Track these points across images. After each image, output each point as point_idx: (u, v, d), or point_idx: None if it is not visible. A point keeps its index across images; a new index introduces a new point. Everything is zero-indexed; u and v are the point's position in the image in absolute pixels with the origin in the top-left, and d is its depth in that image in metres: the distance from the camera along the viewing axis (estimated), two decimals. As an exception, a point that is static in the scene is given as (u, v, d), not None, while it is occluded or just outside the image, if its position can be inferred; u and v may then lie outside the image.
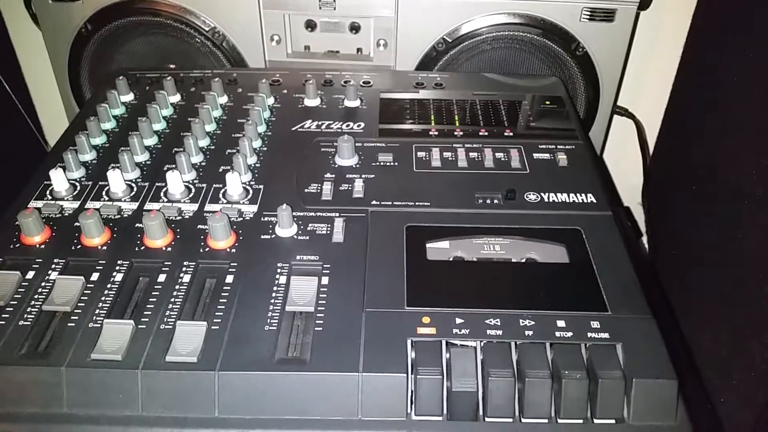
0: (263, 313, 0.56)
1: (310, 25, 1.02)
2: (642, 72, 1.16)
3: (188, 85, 0.89)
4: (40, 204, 0.67)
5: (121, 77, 0.86)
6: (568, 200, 0.69)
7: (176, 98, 0.86)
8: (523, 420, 0.51)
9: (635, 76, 1.16)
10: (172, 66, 1.00)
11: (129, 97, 0.86)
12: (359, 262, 0.61)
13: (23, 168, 0.74)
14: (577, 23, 0.97)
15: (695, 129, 1.01)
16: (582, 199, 0.69)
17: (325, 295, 0.57)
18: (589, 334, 0.54)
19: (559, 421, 0.51)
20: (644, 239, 1.19)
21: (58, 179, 0.68)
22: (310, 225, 0.65)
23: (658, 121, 1.15)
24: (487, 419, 0.51)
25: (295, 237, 0.64)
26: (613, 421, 0.51)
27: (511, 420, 0.51)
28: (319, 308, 0.56)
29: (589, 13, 0.96)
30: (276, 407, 0.51)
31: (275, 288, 0.58)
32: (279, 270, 0.60)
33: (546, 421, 0.51)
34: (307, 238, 0.64)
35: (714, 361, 0.83)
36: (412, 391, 0.52)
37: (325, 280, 0.59)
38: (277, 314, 0.56)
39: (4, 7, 1.14)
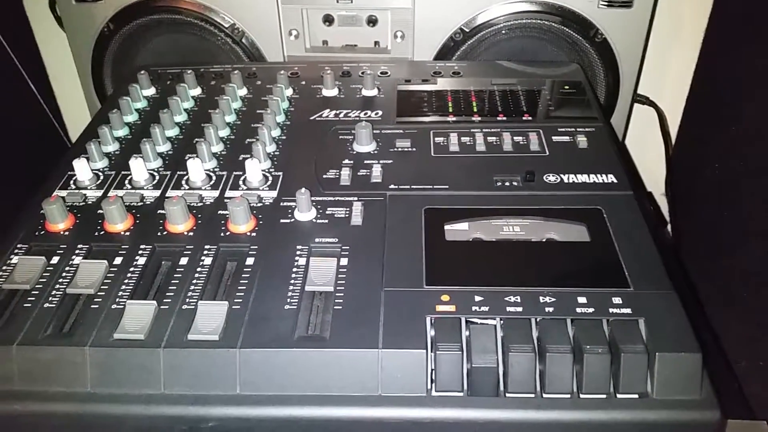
0: (283, 293, 0.56)
1: (328, 20, 1.03)
2: (663, 59, 1.15)
3: (208, 79, 0.91)
4: (64, 193, 0.68)
5: (142, 71, 0.87)
6: (588, 181, 0.68)
7: (197, 91, 0.87)
8: (545, 395, 0.51)
9: (656, 64, 1.15)
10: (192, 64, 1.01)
11: (151, 92, 0.87)
12: (378, 244, 0.61)
13: (47, 165, 0.75)
14: (595, 10, 0.97)
15: (718, 116, 0.99)
16: (602, 180, 0.68)
17: (344, 276, 0.58)
18: (611, 310, 0.53)
19: (582, 396, 0.50)
20: (668, 228, 1.18)
21: (82, 169, 0.69)
22: (328, 209, 0.65)
23: (680, 109, 1.14)
24: (508, 395, 0.51)
25: (314, 221, 0.64)
26: (636, 396, 0.50)
27: (532, 395, 0.51)
28: (338, 288, 0.56)
29: (606, -1, 0.96)
30: (297, 384, 0.51)
31: (294, 269, 0.59)
32: (298, 252, 0.60)
33: (568, 396, 0.50)
34: (326, 221, 0.64)
35: (740, 347, 0.81)
36: (432, 369, 0.51)
37: (344, 261, 0.59)
38: (297, 294, 0.56)
39: (30, 11, 1.17)
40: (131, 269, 0.59)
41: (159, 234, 0.63)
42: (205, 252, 0.60)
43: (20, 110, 1.11)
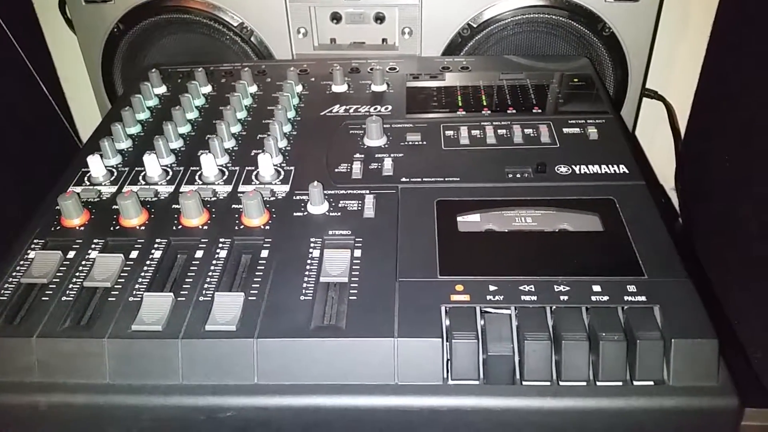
0: (298, 284, 0.56)
1: (336, 17, 1.03)
2: (670, 53, 1.15)
3: (219, 77, 0.91)
4: (78, 189, 0.69)
5: (153, 70, 0.88)
6: (599, 171, 0.68)
7: (207, 89, 0.88)
8: (561, 383, 0.51)
9: (664, 58, 1.15)
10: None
11: (162, 90, 0.88)
12: (391, 236, 0.61)
13: (58, 164, 0.75)
14: (602, 3, 0.97)
15: (727, 108, 0.99)
16: (614, 170, 0.68)
17: (358, 267, 0.58)
18: (626, 298, 0.53)
19: (598, 383, 0.51)
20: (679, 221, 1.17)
21: (96, 165, 0.70)
22: (341, 202, 0.66)
23: (688, 103, 1.14)
24: (524, 383, 0.51)
25: (327, 213, 0.64)
26: (652, 383, 0.50)
27: (549, 383, 0.51)
28: (352, 279, 0.57)
29: (614, -8, 0.96)
30: (314, 373, 0.51)
31: (309, 261, 0.59)
32: (312, 244, 0.61)
33: (584, 383, 0.51)
34: (339, 214, 0.64)
35: (756, 338, 0.81)
36: (448, 359, 0.52)
37: (357, 253, 0.60)
38: (312, 285, 0.56)
39: (41, 13, 1.18)
40: (147, 263, 0.59)
41: (174, 228, 0.63)
42: (220, 245, 0.61)
43: (31, 111, 1.12)
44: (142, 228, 0.63)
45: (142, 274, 0.58)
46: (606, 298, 0.53)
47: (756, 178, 0.86)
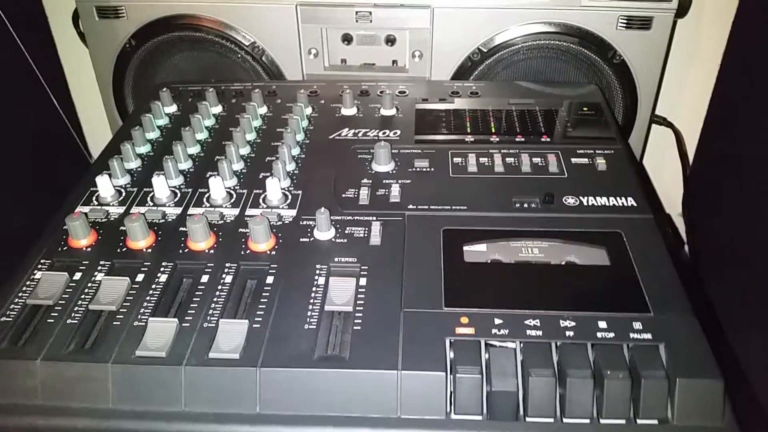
0: (303, 312, 0.56)
1: (347, 39, 1.04)
2: (681, 81, 1.15)
3: (229, 97, 0.92)
4: (86, 209, 0.69)
5: (164, 89, 0.89)
6: (607, 204, 0.68)
7: (218, 109, 0.88)
8: (565, 420, 0.50)
9: (674, 85, 1.15)
10: (213, 80, 1.02)
11: (172, 109, 0.88)
12: (397, 264, 0.61)
13: (68, 180, 0.76)
14: (613, 31, 0.97)
15: (736, 136, 0.99)
16: (622, 203, 0.68)
17: (363, 296, 0.58)
18: (632, 335, 0.53)
19: (602, 421, 0.50)
20: (686, 249, 1.17)
21: (104, 185, 0.70)
22: (347, 228, 0.66)
23: (697, 130, 1.13)
24: (528, 419, 0.51)
25: (333, 240, 0.64)
26: (656, 422, 0.50)
27: (552, 420, 0.50)
28: (357, 308, 0.57)
29: (625, 21, 0.96)
30: (316, 404, 0.51)
31: (314, 288, 0.59)
32: (318, 271, 0.61)
33: (588, 421, 0.50)
34: (345, 241, 0.64)
35: (763, 369, 0.81)
36: (451, 392, 0.51)
37: (362, 282, 0.59)
38: (317, 314, 0.56)
39: (54, 27, 1.19)
40: (153, 286, 0.59)
41: (180, 251, 0.63)
42: (226, 270, 0.61)
43: (42, 125, 1.13)
44: (149, 251, 0.63)
45: (148, 298, 0.58)
46: (612, 335, 0.53)
47: (764, 204, 0.86)
